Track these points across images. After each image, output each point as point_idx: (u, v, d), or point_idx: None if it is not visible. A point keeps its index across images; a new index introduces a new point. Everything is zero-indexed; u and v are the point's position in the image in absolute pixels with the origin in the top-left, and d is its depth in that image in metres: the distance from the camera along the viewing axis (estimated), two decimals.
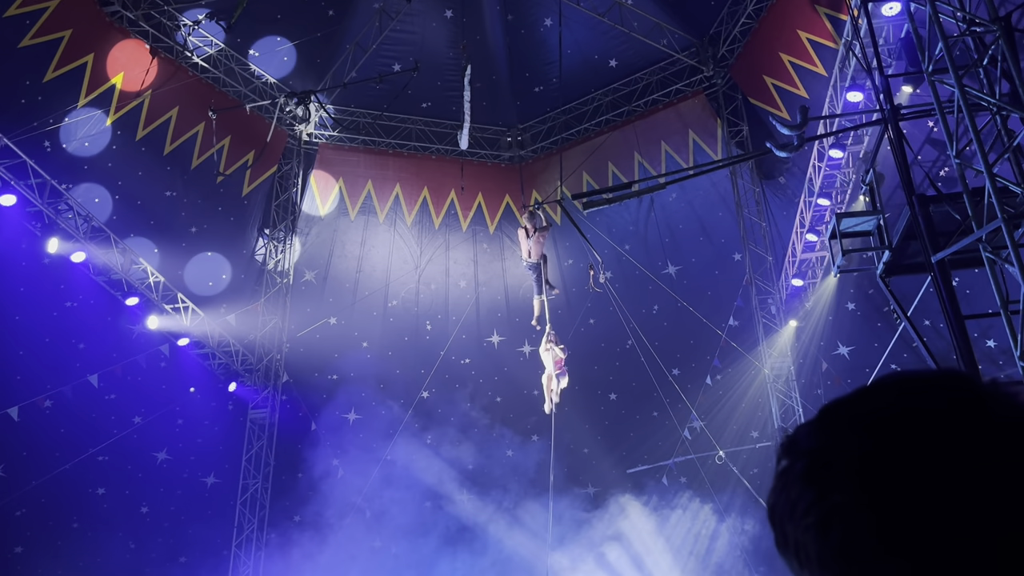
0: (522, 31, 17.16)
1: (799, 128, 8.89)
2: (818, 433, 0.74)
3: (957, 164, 7.29)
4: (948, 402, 0.70)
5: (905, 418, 0.70)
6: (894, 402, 0.72)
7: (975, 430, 0.68)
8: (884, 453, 0.68)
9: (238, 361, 16.76)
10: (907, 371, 0.75)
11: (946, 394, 0.71)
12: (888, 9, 11.55)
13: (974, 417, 0.69)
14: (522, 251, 12.47)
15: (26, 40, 13.13)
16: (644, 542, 16.53)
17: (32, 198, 13.39)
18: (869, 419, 0.71)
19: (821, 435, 0.74)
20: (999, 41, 7.19)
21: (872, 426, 0.70)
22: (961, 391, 0.72)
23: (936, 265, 7.24)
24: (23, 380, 14.41)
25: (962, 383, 0.73)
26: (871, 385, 0.75)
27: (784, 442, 0.77)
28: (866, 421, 0.71)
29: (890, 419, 0.70)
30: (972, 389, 0.72)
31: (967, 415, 0.69)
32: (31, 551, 15.17)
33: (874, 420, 0.71)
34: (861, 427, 0.71)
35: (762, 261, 16.29)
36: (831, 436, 0.73)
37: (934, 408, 0.70)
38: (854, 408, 0.74)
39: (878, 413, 0.71)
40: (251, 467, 16.52)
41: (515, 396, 17.07)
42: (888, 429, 0.69)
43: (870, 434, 0.70)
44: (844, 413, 0.74)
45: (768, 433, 15.72)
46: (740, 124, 16.46)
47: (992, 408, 0.70)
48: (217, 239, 16.65)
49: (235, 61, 16.41)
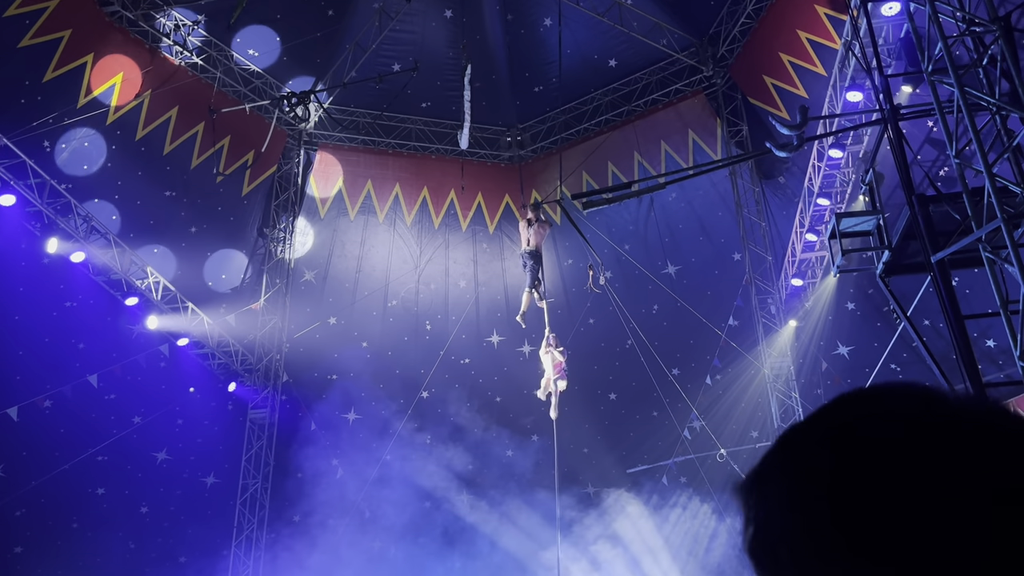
0: (522, 31, 17.17)
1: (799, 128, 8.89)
2: (780, 457, 0.75)
3: (957, 164, 7.29)
4: (905, 418, 0.70)
5: (866, 433, 0.70)
6: (853, 418, 0.72)
7: (936, 442, 0.68)
8: (849, 469, 0.68)
9: (238, 361, 16.76)
10: (865, 388, 0.75)
11: (904, 408, 0.72)
12: (888, 9, 11.55)
13: (934, 430, 0.69)
14: (521, 239, 12.44)
15: (25, 40, 13.13)
16: (644, 542, 16.53)
17: (32, 198, 13.38)
18: (829, 437, 0.72)
19: (783, 459, 0.74)
20: (998, 41, 7.19)
21: (835, 443, 0.71)
22: (918, 404, 0.72)
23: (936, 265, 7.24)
24: (23, 380, 14.40)
25: (919, 396, 0.73)
26: (829, 404, 0.76)
27: (748, 477, 0.77)
28: (827, 439, 0.72)
29: (851, 435, 0.71)
30: (930, 400, 0.72)
31: (926, 428, 0.69)
32: (31, 551, 15.16)
33: (835, 437, 0.71)
34: (825, 445, 0.71)
35: (762, 261, 16.29)
36: (794, 457, 0.73)
37: (895, 422, 0.70)
38: (814, 428, 0.74)
39: (838, 430, 0.72)
40: (251, 467, 16.52)
41: (515, 396, 17.05)
42: (850, 445, 0.70)
43: (833, 451, 0.70)
44: (804, 435, 0.75)
45: (768, 433, 15.72)
46: (740, 124, 16.46)
47: (951, 420, 0.70)
48: (217, 239, 16.64)
49: (235, 61, 16.41)
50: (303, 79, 16.80)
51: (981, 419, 0.70)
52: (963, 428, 0.70)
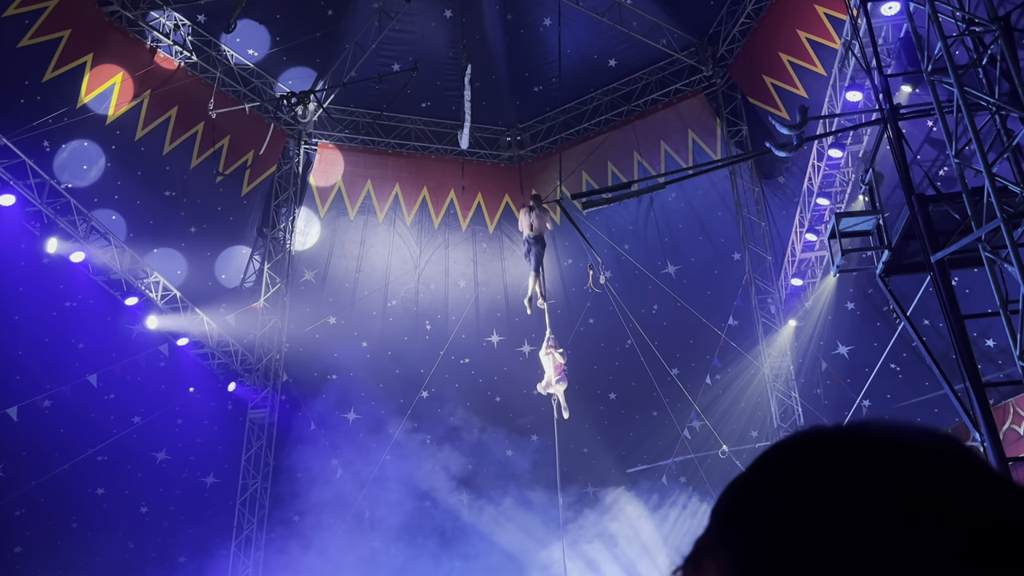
0: (521, 31, 17.17)
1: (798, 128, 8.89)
2: (733, 502, 0.76)
3: (956, 164, 7.30)
4: (848, 459, 0.71)
5: (810, 475, 0.71)
6: (798, 460, 0.74)
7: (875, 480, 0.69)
8: (795, 511, 0.69)
9: (237, 361, 16.76)
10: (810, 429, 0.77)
11: (846, 450, 0.73)
12: (887, 9, 11.56)
13: (872, 472, 0.70)
14: (523, 225, 12.32)
15: (25, 40, 13.12)
16: (643, 541, 16.53)
17: (31, 198, 13.38)
18: (778, 480, 0.73)
19: (736, 503, 0.76)
20: (998, 41, 7.20)
21: (782, 487, 0.72)
22: (857, 444, 0.73)
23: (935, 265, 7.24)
24: (22, 380, 14.40)
25: (857, 437, 0.73)
26: (774, 448, 0.77)
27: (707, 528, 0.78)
28: (775, 483, 0.73)
29: (795, 478, 0.72)
30: (869, 439, 0.73)
31: (865, 471, 0.70)
32: (30, 551, 15.16)
33: (782, 480, 0.72)
34: (772, 489, 0.72)
35: (761, 261, 16.29)
36: (744, 502, 0.74)
37: (836, 464, 0.71)
38: (762, 473, 0.76)
39: (784, 475, 0.73)
40: (250, 467, 16.51)
41: (514, 396, 17.05)
42: (796, 487, 0.71)
43: (782, 495, 0.71)
44: (752, 481, 0.76)
45: (767, 432, 15.73)
46: (739, 124, 16.47)
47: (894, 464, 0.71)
48: (216, 239, 16.64)
49: (234, 61, 16.41)
50: (303, 79, 16.80)
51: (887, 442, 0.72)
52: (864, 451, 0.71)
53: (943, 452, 0.71)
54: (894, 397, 14.56)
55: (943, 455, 0.70)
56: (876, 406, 14.74)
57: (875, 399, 14.55)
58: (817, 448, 0.73)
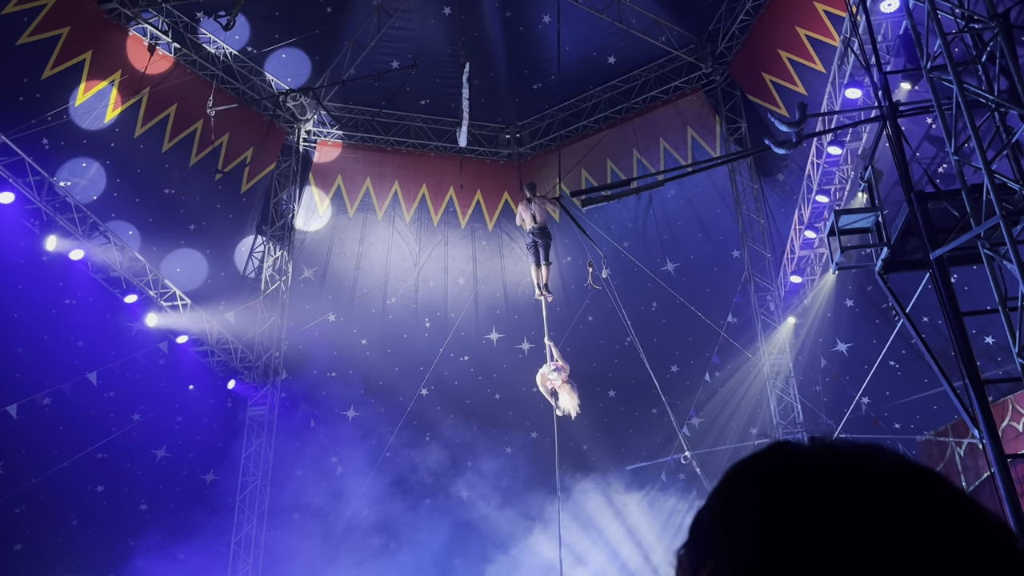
0: (520, 28, 17.15)
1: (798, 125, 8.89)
2: (691, 551, 0.81)
3: (956, 161, 7.30)
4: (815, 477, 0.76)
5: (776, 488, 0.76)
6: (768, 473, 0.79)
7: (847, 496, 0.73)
8: (767, 522, 0.73)
9: (237, 358, 16.76)
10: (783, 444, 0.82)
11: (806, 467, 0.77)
12: (886, 6, 11.56)
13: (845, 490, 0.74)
14: (525, 220, 12.12)
15: (24, 37, 13.11)
16: (643, 539, 16.55)
17: (30, 196, 13.38)
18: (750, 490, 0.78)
19: (694, 553, 0.80)
20: (998, 38, 7.19)
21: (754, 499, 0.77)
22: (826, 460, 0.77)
23: (935, 262, 7.25)
24: (22, 377, 14.40)
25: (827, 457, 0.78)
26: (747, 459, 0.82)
27: (676, 567, 0.83)
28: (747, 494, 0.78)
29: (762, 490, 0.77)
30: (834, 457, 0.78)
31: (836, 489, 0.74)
32: (30, 548, 15.17)
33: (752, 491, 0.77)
34: (745, 500, 0.77)
35: (761, 258, 16.30)
36: (699, 551, 0.79)
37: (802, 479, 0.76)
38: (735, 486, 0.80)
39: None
40: (250, 464, 16.52)
41: (514, 393, 17.06)
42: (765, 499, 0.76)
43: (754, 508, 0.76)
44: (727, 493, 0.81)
45: (767, 430, 15.74)
46: (739, 121, 16.46)
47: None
48: (216, 236, 16.64)
49: (233, 58, 16.40)
50: (302, 76, 16.79)
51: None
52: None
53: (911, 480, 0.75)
54: (893, 394, 14.58)
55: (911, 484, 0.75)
56: (875, 403, 14.76)
57: (874, 396, 14.57)
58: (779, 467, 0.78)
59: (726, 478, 0.81)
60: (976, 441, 6.92)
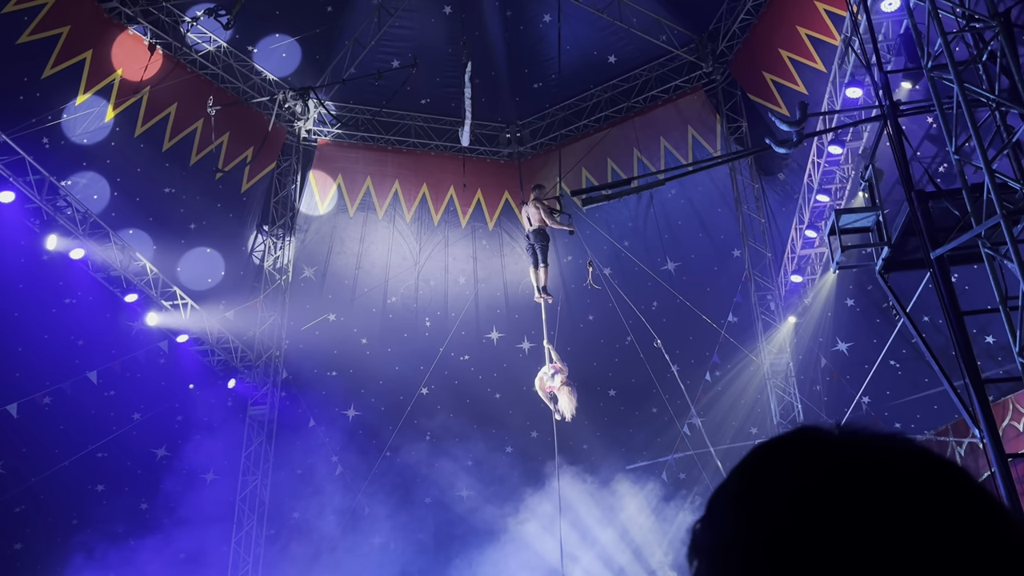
0: (521, 27, 17.14)
1: (798, 124, 8.89)
2: (708, 526, 0.80)
3: (956, 160, 7.29)
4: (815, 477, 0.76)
5: (784, 498, 0.75)
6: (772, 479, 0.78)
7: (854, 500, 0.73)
8: (771, 535, 0.73)
9: (237, 358, 16.76)
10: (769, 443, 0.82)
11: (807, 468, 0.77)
12: (887, 5, 11.56)
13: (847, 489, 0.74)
14: (525, 221, 12.15)
15: (24, 36, 13.11)
16: (643, 538, 16.55)
17: (31, 195, 13.38)
18: (752, 503, 0.77)
19: (712, 528, 0.80)
20: (998, 37, 7.19)
21: (755, 512, 0.76)
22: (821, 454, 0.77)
23: (935, 261, 7.24)
24: (22, 377, 14.40)
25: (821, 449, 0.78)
26: (744, 463, 0.82)
27: (689, 543, 0.83)
28: (749, 506, 0.77)
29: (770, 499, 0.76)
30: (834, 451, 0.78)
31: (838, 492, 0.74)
32: (30, 547, 15.18)
33: (756, 504, 0.77)
34: (745, 514, 0.77)
35: (761, 257, 16.29)
36: (719, 527, 0.79)
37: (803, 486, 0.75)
38: (733, 494, 0.80)
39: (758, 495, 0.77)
40: (250, 464, 16.51)
41: (514, 393, 17.05)
42: (770, 509, 0.75)
43: (754, 521, 0.75)
44: (724, 501, 0.80)
45: (767, 429, 15.74)
46: (739, 120, 16.45)
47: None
48: (216, 235, 16.64)
49: (233, 57, 16.39)
50: (302, 75, 16.78)
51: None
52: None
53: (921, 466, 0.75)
54: (893, 393, 14.57)
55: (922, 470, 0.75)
56: (875, 402, 14.76)
57: (874, 395, 14.56)
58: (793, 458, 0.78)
59: (751, 456, 0.81)
60: (976, 440, 6.91)
